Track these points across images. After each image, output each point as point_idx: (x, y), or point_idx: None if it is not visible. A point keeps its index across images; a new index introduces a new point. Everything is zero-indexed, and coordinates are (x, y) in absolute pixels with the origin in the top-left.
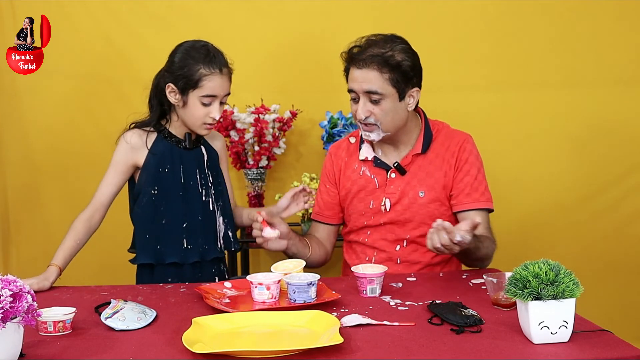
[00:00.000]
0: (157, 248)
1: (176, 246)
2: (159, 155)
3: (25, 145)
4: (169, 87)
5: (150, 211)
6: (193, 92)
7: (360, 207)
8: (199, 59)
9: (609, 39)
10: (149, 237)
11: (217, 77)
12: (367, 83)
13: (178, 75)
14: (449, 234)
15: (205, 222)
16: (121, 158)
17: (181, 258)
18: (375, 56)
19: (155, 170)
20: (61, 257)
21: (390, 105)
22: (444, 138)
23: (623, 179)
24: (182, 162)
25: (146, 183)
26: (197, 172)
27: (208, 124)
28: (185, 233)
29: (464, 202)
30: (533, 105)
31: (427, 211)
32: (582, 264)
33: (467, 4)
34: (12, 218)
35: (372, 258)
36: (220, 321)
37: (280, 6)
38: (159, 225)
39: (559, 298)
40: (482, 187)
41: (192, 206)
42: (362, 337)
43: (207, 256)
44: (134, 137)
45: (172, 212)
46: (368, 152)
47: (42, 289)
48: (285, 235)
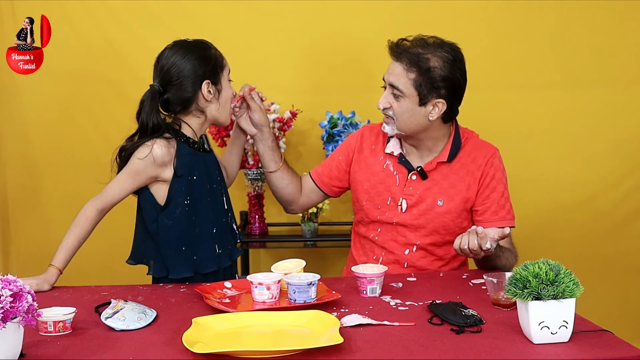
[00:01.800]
0: (193, 259)
1: (211, 254)
2: (187, 165)
3: (25, 145)
4: (207, 84)
5: (185, 222)
6: (222, 74)
7: (377, 201)
8: (204, 47)
9: (609, 39)
10: (185, 249)
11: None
12: (393, 76)
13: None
14: (481, 239)
15: (227, 223)
16: (143, 169)
17: (217, 264)
18: (410, 53)
19: (186, 180)
20: (62, 258)
21: (408, 105)
22: (471, 148)
23: (623, 179)
24: (206, 167)
25: (177, 194)
26: (217, 174)
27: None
28: (216, 238)
29: (491, 219)
30: (533, 106)
31: (442, 221)
32: (582, 264)
33: (467, 4)
34: (12, 218)
35: (380, 258)
36: (220, 321)
37: (280, 6)
38: (193, 236)
39: (559, 298)
40: (508, 204)
41: (218, 210)
42: (362, 337)
43: (234, 256)
44: (160, 151)
45: (203, 219)
46: (395, 147)
47: (40, 290)
48: (256, 124)
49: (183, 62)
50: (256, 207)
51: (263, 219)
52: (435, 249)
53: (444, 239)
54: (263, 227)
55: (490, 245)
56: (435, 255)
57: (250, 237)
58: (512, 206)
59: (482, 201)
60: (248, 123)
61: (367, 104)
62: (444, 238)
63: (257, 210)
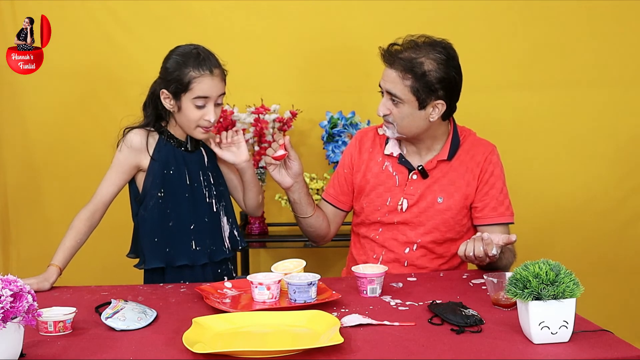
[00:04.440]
0: (166, 251)
1: (185, 248)
2: (163, 158)
3: (25, 145)
4: (163, 93)
5: (158, 214)
6: (185, 95)
7: (377, 202)
8: (188, 62)
9: (609, 39)
10: (157, 240)
11: (207, 78)
12: (390, 84)
13: (170, 81)
14: (486, 246)
15: (211, 223)
16: (124, 159)
17: (191, 260)
18: (403, 60)
19: (161, 172)
20: (61, 257)
21: (408, 111)
22: (469, 146)
23: (623, 180)
24: (186, 164)
25: (152, 186)
26: (200, 174)
27: (204, 127)
28: (194, 234)
29: (490, 215)
30: (533, 106)
31: (442, 218)
32: (583, 264)
33: (467, 4)
34: (12, 218)
35: (380, 257)
36: (221, 321)
37: (280, 6)
38: (167, 228)
39: (559, 298)
40: (507, 201)
41: (198, 207)
42: (363, 337)
43: (215, 257)
44: (136, 138)
45: (180, 214)
46: (394, 148)
47: (41, 289)
48: (294, 174)
49: (163, 66)
50: None
51: (263, 219)
52: (435, 247)
53: (444, 236)
54: (263, 227)
55: (495, 251)
56: (435, 253)
57: (250, 237)
58: (511, 202)
59: (481, 198)
60: (282, 175)
61: (367, 104)
62: (444, 236)
63: None
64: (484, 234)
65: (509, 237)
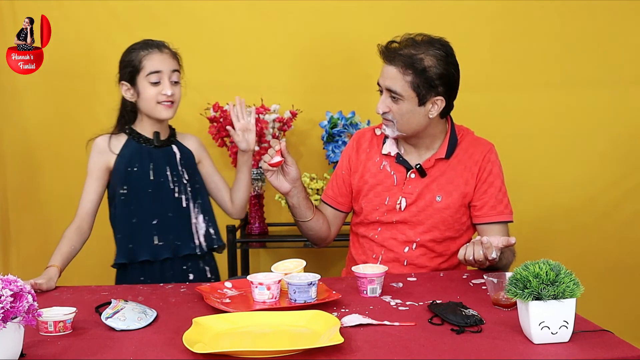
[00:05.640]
0: (129, 247)
1: (147, 243)
2: (127, 155)
3: (25, 145)
4: (123, 85)
5: (123, 211)
6: (139, 76)
7: (376, 202)
8: (136, 48)
9: (609, 39)
10: (121, 236)
11: (155, 54)
12: (390, 81)
13: (124, 70)
14: (486, 249)
15: (177, 218)
16: (93, 165)
17: (152, 255)
18: (403, 56)
19: (124, 169)
20: (60, 259)
21: (408, 107)
22: (467, 145)
23: (623, 180)
24: (151, 160)
25: (117, 184)
26: (168, 169)
27: (163, 102)
28: (156, 230)
29: (489, 214)
30: (533, 106)
31: (441, 216)
32: (583, 264)
33: (467, 4)
34: (12, 218)
35: (379, 256)
36: (221, 321)
37: (280, 7)
38: (130, 224)
39: (560, 298)
40: (505, 199)
41: (162, 203)
42: (363, 337)
43: (180, 252)
44: (99, 141)
45: (142, 209)
46: (392, 147)
47: (50, 288)
48: (292, 178)
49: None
50: (256, 207)
51: (263, 219)
52: (434, 246)
53: (443, 235)
54: (263, 227)
55: (495, 255)
56: (434, 252)
57: (250, 237)
58: (509, 201)
59: (480, 196)
60: (280, 180)
61: (367, 104)
62: (444, 234)
63: (257, 210)
64: (483, 238)
65: (508, 240)
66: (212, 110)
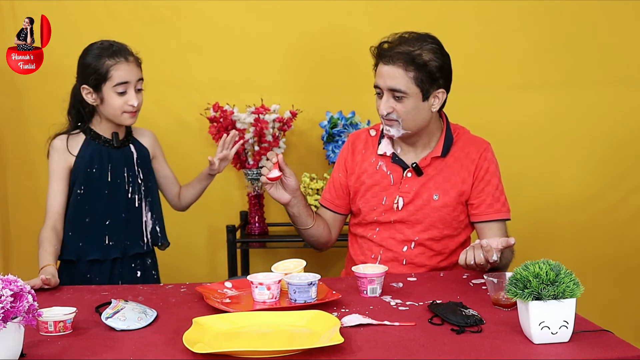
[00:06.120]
0: (79, 245)
1: (98, 243)
2: (87, 157)
3: (25, 145)
4: (84, 89)
5: (75, 210)
6: (105, 85)
7: (373, 202)
8: (103, 54)
9: (609, 39)
10: (71, 234)
11: (123, 65)
12: (392, 80)
13: (87, 74)
14: (486, 253)
15: (129, 218)
16: (56, 166)
17: (102, 254)
18: (402, 54)
19: (84, 171)
20: (50, 259)
21: (412, 104)
22: (464, 143)
23: (623, 180)
24: (110, 161)
25: (75, 184)
26: (125, 170)
27: (128, 112)
28: (108, 230)
29: (486, 212)
30: (533, 106)
31: (438, 215)
32: (583, 264)
33: (467, 3)
34: (12, 218)
35: (378, 256)
36: (221, 321)
37: (280, 6)
38: (83, 223)
39: (560, 298)
40: (503, 197)
41: (116, 204)
42: (363, 337)
43: (129, 251)
44: (57, 143)
45: (96, 210)
46: (387, 147)
47: (57, 284)
48: (291, 189)
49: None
50: (256, 207)
51: (263, 219)
52: (433, 244)
53: (441, 233)
54: (263, 227)
55: (496, 257)
56: (433, 250)
57: (250, 237)
58: (507, 199)
59: (477, 194)
60: (280, 191)
61: (367, 104)
62: (442, 232)
63: (257, 210)
64: (482, 241)
65: (507, 241)
66: (212, 110)
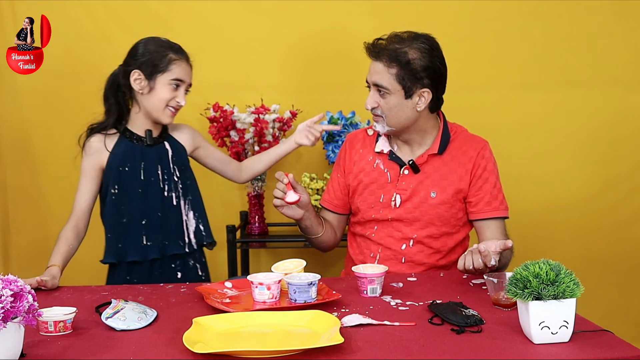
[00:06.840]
0: (118, 247)
1: (136, 243)
2: (120, 155)
3: (25, 145)
4: (135, 73)
5: (113, 211)
6: (162, 75)
7: (371, 200)
8: (166, 47)
9: (609, 39)
10: (111, 236)
11: (184, 63)
12: (376, 75)
13: (144, 62)
14: (485, 257)
15: (166, 217)
16: (88, 164)
17: (141, 255)
18: (387, 50)
19: (116, 169)
20: (59, 259)
21: (395, 101)
22: (461, 141)
23: (623, 180)
24: (143, 159)
25: (108, 183)
26: (159, 168)
27: (172, 107)
28: (144, 230)
29: (485, 210)
30: (533, 106)
31: (436, 212)
32: (583, 264)
33: (467, 4)
34: (12, 218)
35: (377, 255)
36: (221, 321)
37: (280, 6)
38: (121, 224)
39: (560, 298)
40: (500, 195)
41: (151, 203)
42: (363, 337)
43: (167, 252)
44: (94, 143)
45: (131, 210)
46: (384, 145)
47: (54, 287)
48: (304, 204)
49: (133, 53)
50: (256, 207)
51: (263, 219)
52: (432, 242)
53: (440, 230)
54: (263, 227)
55: (494, 261)
56: (432, 248)
57: (250, 237)
58: (504, 197)
59: (475, 192)
60: (293, 209)
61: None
62: (440, 230)
63: (257, 210)
64: (480, 246)
65: (505, 243)
66: (212, 110)
